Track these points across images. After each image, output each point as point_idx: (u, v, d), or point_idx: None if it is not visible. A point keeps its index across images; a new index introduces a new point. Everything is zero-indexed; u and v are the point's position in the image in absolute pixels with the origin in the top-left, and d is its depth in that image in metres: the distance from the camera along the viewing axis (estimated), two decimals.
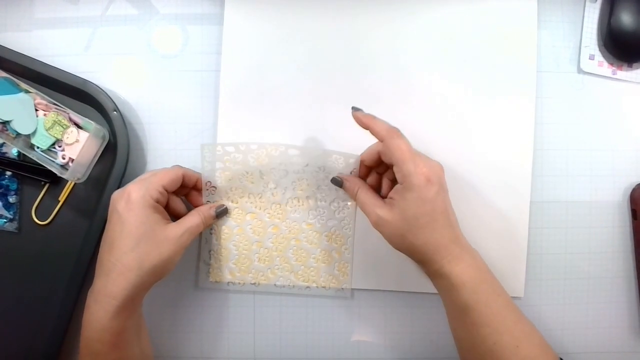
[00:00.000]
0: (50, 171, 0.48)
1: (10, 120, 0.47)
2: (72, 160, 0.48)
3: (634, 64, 0.52)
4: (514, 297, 0.51)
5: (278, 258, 0.50)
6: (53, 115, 0.47)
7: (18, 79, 0.48)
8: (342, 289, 0.51)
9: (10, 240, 0.51)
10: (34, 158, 0.47)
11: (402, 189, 0.41)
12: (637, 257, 0.52)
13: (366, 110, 0.47)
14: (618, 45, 0.51)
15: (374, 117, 0.43)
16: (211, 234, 0.50)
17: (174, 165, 0.47)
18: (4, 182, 0.51)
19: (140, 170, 0.52)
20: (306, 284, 0.51)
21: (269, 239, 0.50)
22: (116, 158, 0.49)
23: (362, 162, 0.47)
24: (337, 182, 0.47)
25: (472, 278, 0.41)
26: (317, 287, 0.51)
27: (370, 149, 0.46)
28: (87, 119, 0.48)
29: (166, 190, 0.44)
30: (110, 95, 0.49)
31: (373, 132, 0.43)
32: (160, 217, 0.43)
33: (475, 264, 0.41)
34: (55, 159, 0.48)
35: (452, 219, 0.42)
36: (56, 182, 0.51)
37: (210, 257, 0.51)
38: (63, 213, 0.51)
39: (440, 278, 0.42)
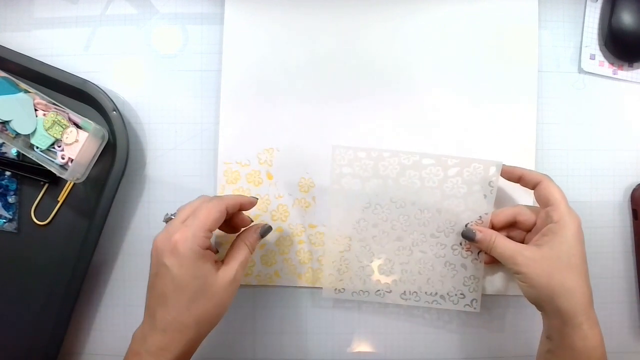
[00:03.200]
0: (49, 171, 0.48)
1: (10, 120, 0.47)
2: (72, 160, 0.47)
3: (635, 64, 0.52)
4: (514, 297, 0.51)
5: (281, 259, 0.50)
6: (52, 115, 0.47)
7: (17, 79, 0.48)
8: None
9: (9, 241, 0.51)
10: (34, 158, 0.47)
11: (556, 228, 0.42)
12: (637, 257, 0.52)
13: (367, 110, 0.47)
14: (619, 45, 0.51)
15: (522, 168, 0.46)
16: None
17: (212, 199, 0.42)
18: (3, 182, 0.51)
19: (140, 170, 0.52)
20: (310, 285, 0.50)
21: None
22: (115, 158, 0.48)
23: (490, 222, 0.47)
24: (470, 233, 0.46)
25: (602, 343, 0.41)
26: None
27: (504, 211, 0.47)
28: (86, 119, 0.48)
29: (211, 232, 0.41)
30: (110, 95, 0.49)
31: (526, 179, 0.45)
32: (210, 265, 0.40)
33: (600, 331, 0.41)
34: (55, 159, 0.48)
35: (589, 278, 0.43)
36: (55, 182, 0.51)
37: None
38: (62, 213, 0.51)
39: (578, 338, 0.40)
